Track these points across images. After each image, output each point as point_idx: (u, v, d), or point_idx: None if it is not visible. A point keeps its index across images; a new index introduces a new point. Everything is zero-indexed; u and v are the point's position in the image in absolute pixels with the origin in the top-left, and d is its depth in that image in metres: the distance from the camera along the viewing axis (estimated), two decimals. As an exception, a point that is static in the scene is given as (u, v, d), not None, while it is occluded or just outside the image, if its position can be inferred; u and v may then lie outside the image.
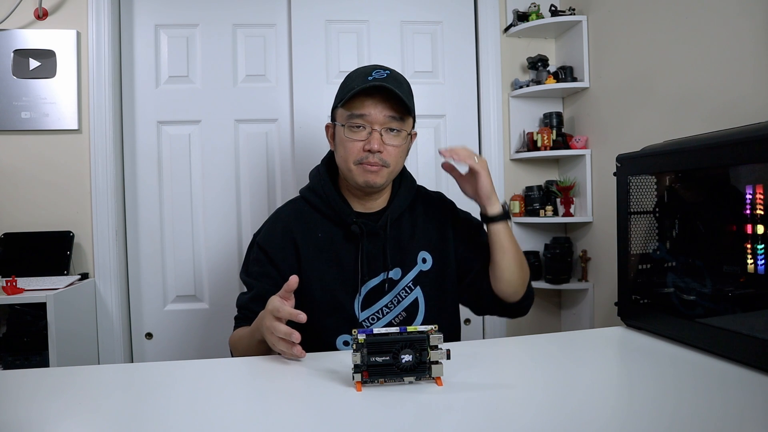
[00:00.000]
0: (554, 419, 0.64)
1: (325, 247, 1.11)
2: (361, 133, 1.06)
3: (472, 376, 0.78)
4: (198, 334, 2.00)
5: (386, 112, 1.05)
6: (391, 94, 1.04)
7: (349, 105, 1.06)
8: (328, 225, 1.13)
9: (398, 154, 1.09)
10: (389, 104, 1.05)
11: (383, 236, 1.12)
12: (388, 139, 1.06)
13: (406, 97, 1.05)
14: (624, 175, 1.06)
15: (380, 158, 1.06)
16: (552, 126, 2.05)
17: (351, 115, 1.06)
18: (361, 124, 1.05)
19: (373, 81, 1.04)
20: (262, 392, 0.75)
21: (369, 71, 1.07)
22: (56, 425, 0.65)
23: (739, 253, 0.84)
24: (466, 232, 1.19)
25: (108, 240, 1.89)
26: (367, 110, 1.05)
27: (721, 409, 0.66)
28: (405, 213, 1.17)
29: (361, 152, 1.06)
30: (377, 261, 1.11)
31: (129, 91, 1.97)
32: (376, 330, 0.74)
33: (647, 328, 1.02)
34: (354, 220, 1.10)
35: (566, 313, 2.18)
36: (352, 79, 1.09)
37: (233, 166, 2.02)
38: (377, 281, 1.11)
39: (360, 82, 1.05)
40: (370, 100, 1.05)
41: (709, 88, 1.40)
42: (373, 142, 1.04)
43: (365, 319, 1.10)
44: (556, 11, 2.03)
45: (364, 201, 1.15)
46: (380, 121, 1.05)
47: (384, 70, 1.08)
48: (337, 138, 1.11)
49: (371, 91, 1.04)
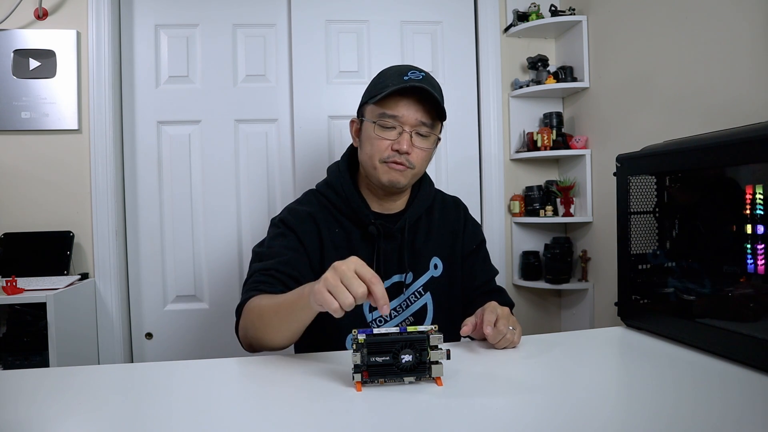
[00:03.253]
0: (554, 419, 0.64)
1: (341, 244, 1.10)
2: (392, 132, 1.04)
3: (472, 376, 0.78)
4: (198, 334, 2.00)
5: (419, 115, 1.04)
6: (427, 97, 1.02)
7: (382, 103, 1.04)
8: (345, 222, 1.11)
9: (425, 157, 1.08)
10: (423, 107, 1.04)
11: (400, 239, 1.11)
12: (417, 142, 1.05)
13: (441, 102, 1.04)
14: (624, 175, 1.06)
15: (407, 159, 1.04)
16: (552, 126, 2.05)
17: (383, 114, 1.04)
18: (392, 124, 1.04)
19: (409, 81, 1.02)
20: (262, 392, 0.75)
21: (404, 71, 1.05)
22: (56, 425, 0.65)
23: (739, 253, 0.84)
24: (470, 245, 1.19)
25: (108, 240, 1.89)
26: (400, 111, 1.03)
27: (721, 409, 0.66)
28: (422, 217, 1.16)
29: (388, 151, 1.04)
30: (391, 263, 1.11)
31: (129, 91, 1.97)
32: (376, 330, 0.74)
33: (647, 328, 1.02)
34: (372, 220, 1.09)
35: (566, 313, 2.18)
36: (386, 77, 1.07)
37: (233, 166, 2.02)
38: (389, 283, 1.10)
39: (395, 81, 1.03)
40: (405, 101, 1.03)
41: (709, 88, 1.40)
42: (402, 143, 1.03)
43: (373, 320, 1.09)
44: (556, 11, 2.03)
45: (383, 201, 1.13)
46: (412, 123, 1.04)
47: (420, 71, 1.05)
48: (363, 134, 1.09)
49: (406, 91, 1.02)
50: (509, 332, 0.92)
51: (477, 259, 1.20)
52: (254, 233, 2.01)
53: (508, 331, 0.92)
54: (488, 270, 1.22)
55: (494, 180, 2.11)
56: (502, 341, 0.92)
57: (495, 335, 0.91)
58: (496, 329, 0.91)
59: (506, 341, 0.92)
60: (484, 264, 1.22)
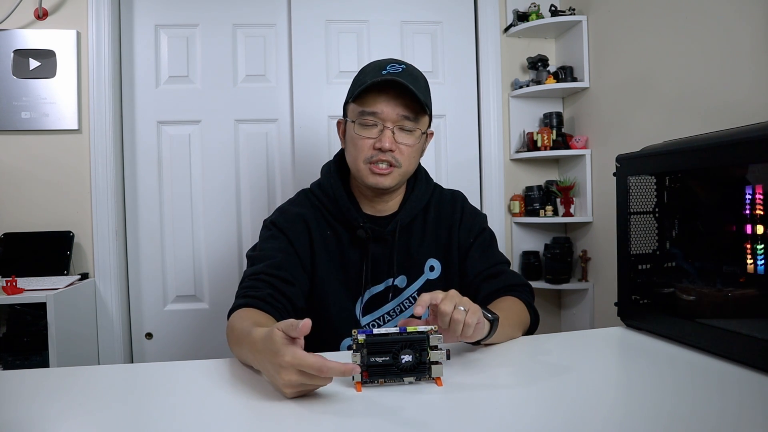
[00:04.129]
0: (554, 419, 0.64)
1: (331, 247, 1.07)
2: (372, 130, 1.00)
3: (471, 377, 0.78)
4: (198, 334, 2.00)
5: (399, 109, 0.99)
6: (406, 90, 0.97)
7: (360, 100, 1.00)
8: (335, 225, 1.08)
9: (411, 153, 1.02)
10: (403, 101, 0.99)
11: (391, 242, 1.07)
12: (401, 138, 1.00)
13: (421, 94, 0.98)
14: (624, 176, 1.06)
15: (392, 157, 1.00)
16: (552, 126, 2.05)
17: (362, 112, 1.00)
18: (372, 121, 0.99)
19: (386, 75, 0.97)
20: (262, 392, 0.74)
21: (383, 65, 1.00)
22: (56, 425, 0.65)
23: (739, 253, 0.84)
24: (467, 238, 1.12)
25: (108, 240, 1.89)
26: (379, 107, 0.98)
27: (721, 409, 0.66)
28: (417, 217, 1.11)
29: (371, 150, 0.99)
30: (383, 267, 1.07)
31: (129, 91, 1.97)
32: (375, 330, 0.74)
33: (647, 328, 1.02)
34: (361, 224, 1.05)
35: (566, 313, 2.18)
36: (365, 72, 1.03)
37: (233, 166, 2.02)
38: (381, 288, 1.08)
39: (373, 75, 0.99)
40: (383, 96, 0.98)
41: (709, 88, 1.40)
42: (384, 140, 0.98)
43: (366, 325, 1.07)
44: (556, 11, 2.03)
45: (374, 203, 1.09)
46: (393, 118, 0.99)
47: (399, 64, 1.01)
48: (347, 135, 1.05)
49: (384, 85, 0.98)
50: (457, 312, 0.76)
51: (475, 249, 1.11)
52: (254, 233, 2.01)
53: (455, 311, 0.76)
54: (490, 256, 1.11)
55: (494, 180, 2.11)
56: (454, 324, 0.76)
57: (443, 319, 0.76)
58: (439, 313, 0.76)
59: (457, 323, 0.76)
60: (485, 252, 1.11)
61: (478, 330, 0.81)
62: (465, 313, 0.77)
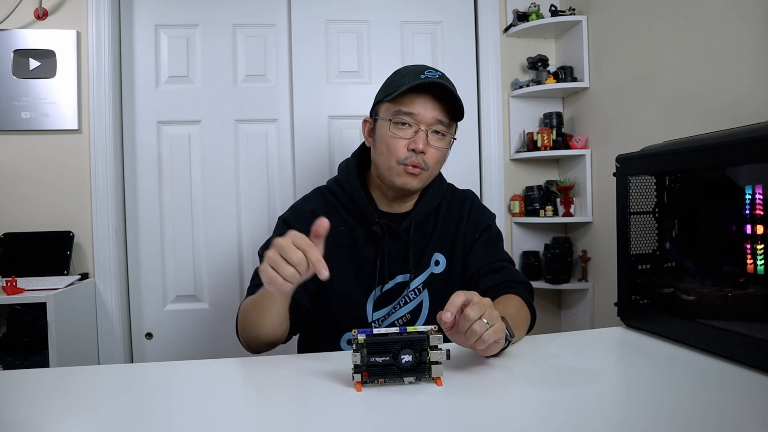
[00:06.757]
0: (554, 419, 0.64)
1: (345, 243, 1.09)
2: (407, 131, 1.02)
3: (471, 377, 0.78)
4: (198, 334, 2.00)
5: (436, 113, 1.02)
6: (443, 96, 1.01)
7: (397, 100, 1.02)
8: (351, 220, 1.10)
9: (439, 158, 1.05)
10: (439, 105, 1.02)
11: (406, 239, 1.09)
12: (433, 141, 1.03)
13: (458, 100, 1.02)
14: (624, 176, 1.06)
15: (423, 160, 1.02)
16: (552, 126, 2.05)
17: (399, 111, 1.02)
18: (407, 121, 1.02)
19: (425, 79, 1.00)
20: (262, 392, 0.74)
21: (421, 70, 1.03)
22: (56, 425, 0.65)
23: (739, 253, 0.84)
24: (473, 234, 1.13)
25: (108, 240, 1.89)
26: (416, 108, 1.01)
27: (721, 409, 0.66)
28: (431, 215, 1.14)
29: (405, 151, 1.02)
30: (396, 263, 1.09)
31: (129, 91, 1.97)
32: (375, 330, 0.74)
33: (647, 328, 1.02)
34: (377, 220, 1.07)
35: (566, 313, 2.18)
36: (402, 75, 1.05)
37: (233, 166, 2.02)
38: (392, 284, 1.09)
39: (412, 79, 1.01)
40: (421, 98, 1.01)
41: (709, 88, 1.40)
42: (418, 142, 1.00)
43: (375, 320, 1.09)
44: (556, 11, 2.03)
45: (391, 202, 1.12)
46: (428, 121, 1.02)
47: (436, 71, 1.04)
48: (378, 134, 1.07)
49: (423, 89, 1.01)
50: (479, 323, 0.72)
51: (479, 245, 1.12)
52: (254, 233, 2.02)
53: (478, 322, 0.72)
54: (493, 253, 1.12)
55: (494, 180, 2.11)
56: (470, 334, 0.72)
57: (463, 323, 0.73)
58: (463, 316, 0.73)
59: (473, 334, 0.72)
60: (489, 248, 1.13)
61: (492, 348, 0.78)
62: (486, 327, 0.73)
